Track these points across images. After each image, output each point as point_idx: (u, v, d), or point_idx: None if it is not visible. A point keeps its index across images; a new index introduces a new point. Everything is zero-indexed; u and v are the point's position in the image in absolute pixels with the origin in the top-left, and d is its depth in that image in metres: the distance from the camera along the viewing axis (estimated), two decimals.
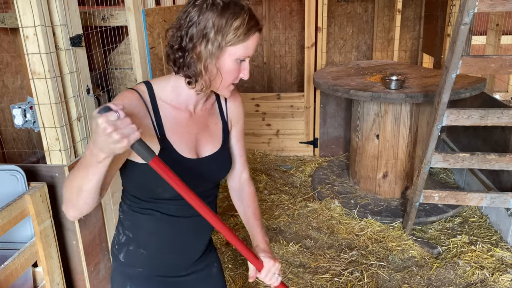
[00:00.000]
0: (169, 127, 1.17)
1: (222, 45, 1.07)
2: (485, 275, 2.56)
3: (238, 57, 1.11)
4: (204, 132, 1.26)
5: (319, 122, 4.44)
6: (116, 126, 0.92)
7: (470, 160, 2.59)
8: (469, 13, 2.07)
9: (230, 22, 1.07)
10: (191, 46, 1.08)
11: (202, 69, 1.10)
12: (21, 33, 1.76)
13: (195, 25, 1.07)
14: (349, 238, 3.02)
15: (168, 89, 1.19)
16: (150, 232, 1.26)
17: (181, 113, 1.20)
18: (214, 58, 1.09)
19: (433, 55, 4.57)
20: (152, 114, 1.15)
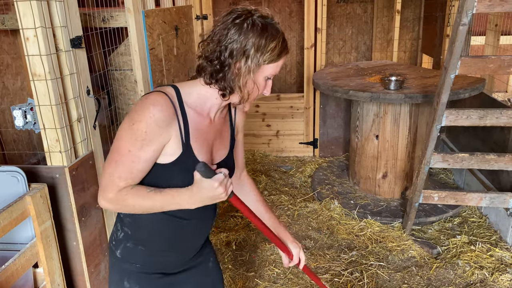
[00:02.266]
0: (192, 133, 1.21)
1: (260, 62, 1.15)
2: (484, 275, 2.57)
3: (268, 75, 1.20)
4: (218, 138, 1.33)
5: (319, 123, 4.45)
6: (225, 185, 1.12)
7: (470, 161, 2.60)
8: (468, 14, 2.08)
9: (268, 43, 1.15)
10: (231, 62, 1.15)
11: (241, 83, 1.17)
12: (22, 35, 1.76)
13: (236, 43, 1.13)
14: (349, 238, 3.02)
15: (194, 95, 1.23)
16: (152, 231, 1.30)
17: (203, 119, 1.25)
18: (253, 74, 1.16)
19: (432, 55, 4.58)
20: (180, 118, 1.19)
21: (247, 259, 2.82)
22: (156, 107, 1.14)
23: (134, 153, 1.15)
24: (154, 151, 1.17)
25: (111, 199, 1.18)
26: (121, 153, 1.16)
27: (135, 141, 1.14)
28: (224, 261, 2.80)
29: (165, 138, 1.17)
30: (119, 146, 1.17)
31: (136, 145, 1.14)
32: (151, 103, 1.15)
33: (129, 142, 1.14)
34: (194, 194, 1.14)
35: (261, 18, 1.16)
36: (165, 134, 1.16)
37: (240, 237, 3.04)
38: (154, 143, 1.15)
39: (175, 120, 1.18)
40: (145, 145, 1.14)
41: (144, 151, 1.15)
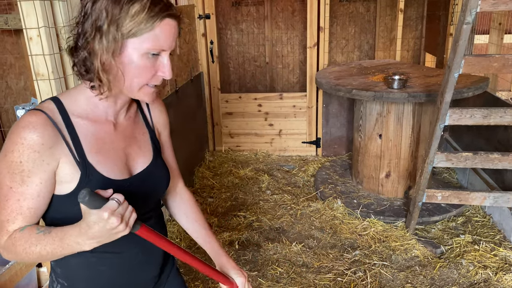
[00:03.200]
0: (90, 147, 1.00)
1: (117, 37, 0.91)
2: (488, 275, 2.56)
3: (146, 50, 0.94)
4: (132, 145, 1.11)
5: (322, 122, 4.44)
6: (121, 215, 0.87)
7: (473, 160, 2.59)
8: (472, 13, 2.07)
9: (126, 9, 0.91)
10: (84, 43, 0.93)
11: (99, 67, 0.93)
12: (25, 35, 1.76)
13: (90, 18, 0.92)
14: (352, 238, 3.02)
15: (82, 101, 1.01)
16: (89, 279, 1.08)
17: (102, 126, 1.03)
18: (111, 53, 0.92)
19: (435, 54, 4.56)
20: (67, 135, 0.97)
21: (250, 259, 2.82)
22: (27, 130, 0.92)
23: (16, 190, 0.94)
24: (42, 182, 0.95)
25: (4, 246, 0.97)
26: (3, 192, 0.95)
27: (13, 175, 0.93)
28: None
29: (51, 164, 0.95)
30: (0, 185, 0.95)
31: (15, 180, 0.93)
32: (21, 125, 0.93)
33: (7, 177, 0.93)
34: (83, 232, 0.88)
35: None
36: (49, 159, 0.94)
37: (243, 236, 3.04)
38: (36, 173, 0.94)
39: (59, 139, 0.96)
40: (26, 177, 0.93)
41: (27, 184, 0.94)
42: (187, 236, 3.08)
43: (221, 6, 4.94)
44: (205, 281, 2.62)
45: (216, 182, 3.93)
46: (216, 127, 4.61)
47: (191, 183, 3.85)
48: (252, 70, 5.23)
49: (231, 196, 3.69)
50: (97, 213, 0.85)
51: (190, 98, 3.95)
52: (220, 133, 4.63)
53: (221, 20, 4.99)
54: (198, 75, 4.25)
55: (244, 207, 3.50)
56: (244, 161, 4.42)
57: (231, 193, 3.74)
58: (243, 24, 5.05)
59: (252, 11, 5.00)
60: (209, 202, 3.58)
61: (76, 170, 0.97)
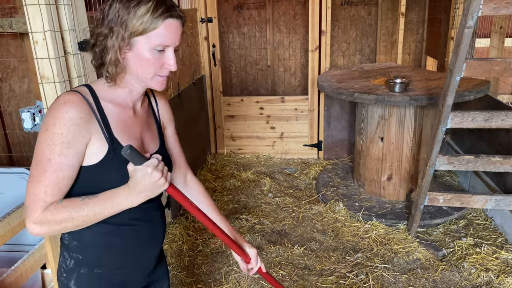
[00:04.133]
0: (116, 126, 1.15)
1: (125, 36, 1.07)
2: (490, 277, 2.56)
3: (153, 46, 1.09)
4: (146, 130, 1.26)
5: (323, 125, 4.45)
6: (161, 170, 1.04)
7: (475, 163, 2.60)
8: (473, 17, 2.09)
9: (134, 11, 1.05)
10: (100, 40, 1.10)
11: (108, 61, 1.09)
12: (31, 38, 1.78)
13: (105, 20, 1.08)
14: (354, 240, 3.02)
15: (106, 89, 1.17)
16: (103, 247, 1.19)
17: (125, 110, 1.19)
18: (118, 50, 1.08)
19: (437, 58, 4.58)
20: (98, 114, 1.11)
21: None
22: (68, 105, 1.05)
23: (55, 161, 1.04)
24: (77, 154, 1.07)
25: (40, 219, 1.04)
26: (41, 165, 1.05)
27: (53, 146, 1.03)
28: (229, 263, 2.81)
29: (86, 137, 1.08)
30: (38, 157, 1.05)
31: (55, 151, 1.04)
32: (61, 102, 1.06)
33: (47, 150, 1.04)
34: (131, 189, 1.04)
35: None
36: (85, 132, 1.07)
37: (246, 239, 3.04)
38: (74, 144, 1.06)
39: (92, 117, 1.10)
40: (65, 149, 1.04)
41: (65, 156, 1.05)
42: (189, 239, 3.09)
43: (223, 9, 4.96)
44: (207, 283, 2.63)
45: (218, 185, 3.94)
46: (218, 130, 4.62)
47: None
48: (254, 73, 5.25)
49: (233, 199, 3.70)
50: (142, 168, 1.01)
51: (192, 101, 3.96)
52: (222, 136, 4.64)
53: (223, 23, 5.01)
54: (200, 78, 4.27)
55: (246, 210, 3.51)
56: (246, 164, 4.43)
57: (233, 196, 3.75)
58: (245, 27, 5.08)
59: (254, 14, 5.03)
60: None
61: (104, 144, 1.11)
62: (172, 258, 2.86)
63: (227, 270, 2.74)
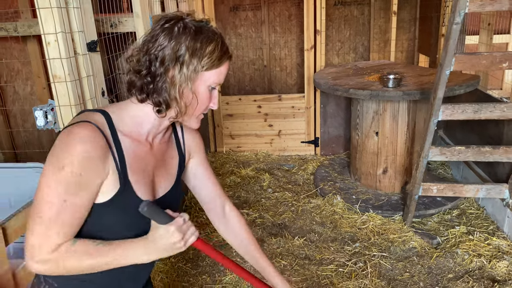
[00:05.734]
0: (130, 165, 1.06)
1: (198, 69, 1.02)
2: (482, 263, 2.68)
3: (210, 83, 1.06)
4: (160, 167, 1.17)
5: (320, 122, 4.57)
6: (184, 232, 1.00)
7: (466, 153, 2.72)
8: (460, 13, 2.21)
9: (204, 46, 1.02)
10: (162, 70, 1.01)
11: (177, 94, 1.03)
12: (43, 40, 1.88)
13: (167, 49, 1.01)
14: (352, 231, 3.13)
15: (127, 119, 1.08)
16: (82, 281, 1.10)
17: (141, 146, 1.10)
18: (190, 82, 1.03)
19: (428, 55, 4.71)
20: (114, 150, 1.03)
21: None
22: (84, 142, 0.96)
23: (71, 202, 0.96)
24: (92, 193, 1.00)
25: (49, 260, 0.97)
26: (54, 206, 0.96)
27: (69, 187, 0.95)
28: (233, 254, 2.91)
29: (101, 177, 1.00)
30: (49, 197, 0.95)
31: (71, 192, 0.96)
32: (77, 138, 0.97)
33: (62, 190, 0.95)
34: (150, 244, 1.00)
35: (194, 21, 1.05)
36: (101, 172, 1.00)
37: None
38: (90, 185, 0.98)
39: (109, 153, 1.01)
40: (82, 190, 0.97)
41: (81, 197, 0.98)
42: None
43: (220, 11, 5.07)
44: (212, 275, 2.73)
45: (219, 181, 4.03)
46: (217, 128, 4.73)
47: None
48: (250, 74, 5.36)
49: (234, 195, 3.80)
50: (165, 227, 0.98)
51: None
52: (221, 135, 4.74)
53: (219, 25, 5.11)
54: None
55: (246, 204, 3.61)
56: (245, 161, 4.54)
57: (234, 191, 3.85)
58: (241, 28, 5.19)
59: (250, 16, 5.14)
60: None
61: (116, 183, 1.03)
62: None
63: None
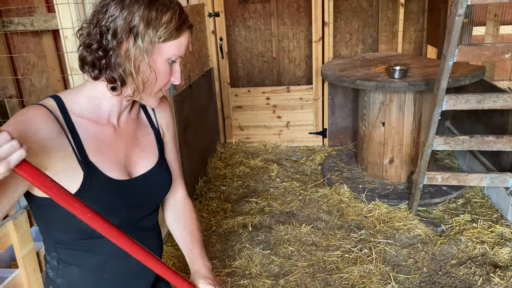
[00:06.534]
0: (90, 147, 0.98)
1: (154, 40, 0.94)
2: (485, 249, 2.75)
3: (170, 56, 0.98)
4: (134, 147, 1.08)
5: (328, 113, 4.63)
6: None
7: (470, 142, 2.77)
8: (463, 5, 2.26)
9: (160, 15, 0.93)
10: (115, 44, 0.93)
11: (132, 69, 0.94)
12: (61, 34, 1.98)
13: (118, 19, 0.92)
14: (358, 219, 3.21)
15: (82, 100, 1.00)
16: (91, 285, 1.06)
17: (103, 128, 1.02)
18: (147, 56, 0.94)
19: (436, 46, 4.72)
20: (68, 132, 0.95)
21: (262, 239, 3.03)
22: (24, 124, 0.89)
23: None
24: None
25: None
26: None
27: None
28: (242, 240, 3.01)
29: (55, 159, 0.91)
30: None
31: None
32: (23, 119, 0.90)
33: None
34: None
35: None
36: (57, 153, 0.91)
37: (256, 220, 3.25)
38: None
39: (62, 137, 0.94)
40: None
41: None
42: (203, 220, 3.30)
43: (229, 4, 5.13)
44: (221, 260, 2.84)
45: (228, 171, 4.14)
46: (226, 120, 4.82)
47: (205, 173, 4.06)
48: (259, 65, 5.42)
49: (243, 184, 3.89)
50: None
51: (202, 93, 4.16)
52: (230, 126, 4.84)
53: (229, 17, 5.18)
54: (208, 71, 4.46)
55: (255, 194, 3.71)
56: (253, 152, 4.63)
57: (243, 181, 3.95)
58: (250, 21, 5.25)
59: (259, 8, 5.19)
60: (222, 190, 3.80)
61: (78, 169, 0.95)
62: None
63: (239, 247, 2.94)
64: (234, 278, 2.65)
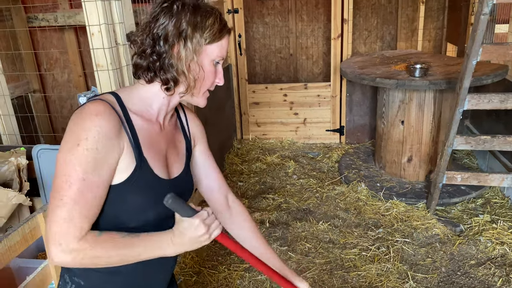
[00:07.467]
0: (143, 142, 1.06)
1: (201, 42, 1.04)
2: (505, 250, 2.72)
3: (214, 57, 1.08)
4: (172, 149, 1.17)
5: (345, 111, 4.62)
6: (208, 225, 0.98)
7: (491, 142, 2.75)
8: (488, 4, 2.23)
9: (204, 20, 1.04)
10: (167, 47, 1.03)
11: (184, 68, 1.04)
12: (88, 31, 2.02)
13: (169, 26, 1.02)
14: (376, 217, 3.21)
15: (136, 100, 1.09)
16: (107, 274, 1.09)
17: (153, 125, 1.11)
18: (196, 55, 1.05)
19: (457, 44, 4.67)
20: (127, 126, 1.04)
21: (280, 235, 3.05)
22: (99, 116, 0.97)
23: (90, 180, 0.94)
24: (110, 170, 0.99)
25: (75, 250, 0.93)
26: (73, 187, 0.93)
27: (87, 164, 0.94)
28: None
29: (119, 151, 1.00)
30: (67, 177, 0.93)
31: (89, 169, 0.94)
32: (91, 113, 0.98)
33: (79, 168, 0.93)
34: (176, 237, 0.99)
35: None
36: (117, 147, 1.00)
37: (273, 216, 3.27)
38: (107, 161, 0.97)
39: (122, 129, 1.02)
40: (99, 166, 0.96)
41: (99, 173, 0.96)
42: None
43: (248, 0, 5.14)
44: None
45: (245, 168, 4.16)
46: (243, 116, 4.84)
47: (222, 169, 4.09)
48: (276, 62, 5.42)
49: (260, 181, 3.91)
50: (189, 220, 0.96)
51: (220, 89, 4.18)
52: (247, 122, 4.86)
53: (247, 14, 5.19)
54: (227, 67, 4.48)
55: (272, 190, 3.73)
56: (270, 148, 4.64)
57: (259, 177, 3.97)
58: (268, 17, 5.25)
59: (277, 4, 5.19)
60: (239, 186, 3.82)
61: (132, 160, 1.03)
62: None
63: None
64: (251, 274, 2.68)
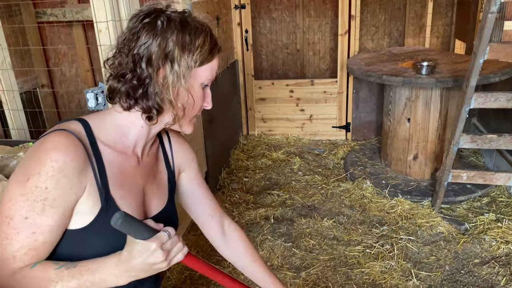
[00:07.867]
0: (114, 179, 0.93)
1: (191, 65, 0.91)
2: (510, 249, 2.72)
3: (203, 81, 0.96)
4: (151, 183, 1.04)
5: (352, 107, 4.61)
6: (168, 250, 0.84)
7: (498, 141, 2.73)
8: (496, 2, 2.22)
9: (194, 39, 0.91)
10: (151, 71, 0.89)
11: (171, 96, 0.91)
12: (95, 27, 2.03)
13: (153, 46, 0.88)
14: (380, 215, 3.21)
15: (109, 128, 0.95)
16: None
17: (127, 159, 0.97)
18: (184, 81, 0.91)
19: (465, 41, 4.63)
20: (94, 161, 0.90)
21: (284, 232, 3.06)
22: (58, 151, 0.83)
23: (33, 221, 0.82)
24: (64, 214, 0.85)
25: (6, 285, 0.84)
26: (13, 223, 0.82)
27: (33, 203, 0.82)
28: (264, 232, 3.05)
29: (77, 193, 0.86)
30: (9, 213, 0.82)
31: (35, 209, 0.82)
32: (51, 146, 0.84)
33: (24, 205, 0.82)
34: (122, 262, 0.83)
35: (177, 13, 0.93)
36: (77, 187, 0.86)
37: (277, 212, 3.29)
38: (60, 203, 0.84)
39: (88, 165, 0.88)
40: (49, 207, 0.82)
41: (47, 216, 0.83)
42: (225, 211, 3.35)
43: None
44: None
45: (251, 163, 4.18)
46: (249, 112, 4.85)
47: (227, 164, 4.11)
48: (283, 58, 5.41)
49: (265, 177, 3.93)
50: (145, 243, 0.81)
51: (226, 85, 4.19)
52: (253, 118, 4.86)
53: (253, 9, 5.18)
54: (233, 63, 4.49)
55: (277, 186, 3.74)
56: (276, 144, 4.65)
57: (265, 173, 3.98)
58: (275, 12, 5.23)
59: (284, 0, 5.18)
60: (245, 181, 3.84)
61: (96, 202, 0.90)
62: None
63: (261, 239, 2.99)
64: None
